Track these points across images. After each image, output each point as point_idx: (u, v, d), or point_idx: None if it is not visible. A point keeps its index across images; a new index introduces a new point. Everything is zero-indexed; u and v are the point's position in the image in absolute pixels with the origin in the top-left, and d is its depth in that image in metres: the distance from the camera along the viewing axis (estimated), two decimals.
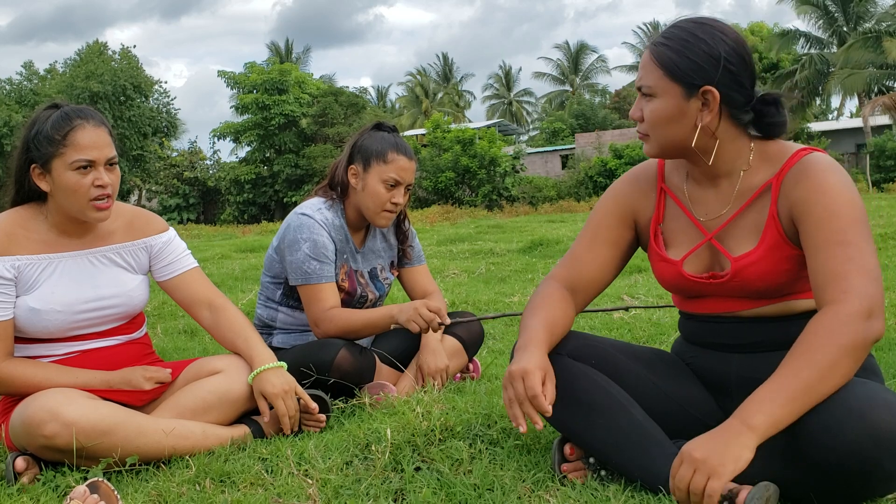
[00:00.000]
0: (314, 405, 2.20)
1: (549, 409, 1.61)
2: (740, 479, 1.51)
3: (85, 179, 2.06)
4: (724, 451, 1.42)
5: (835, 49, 29.98)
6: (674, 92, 1.66)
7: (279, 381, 2.17)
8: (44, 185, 2.10)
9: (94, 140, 2.07)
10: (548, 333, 1.75)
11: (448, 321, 2.47)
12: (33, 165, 2.09)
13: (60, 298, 2.12)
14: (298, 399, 2.19)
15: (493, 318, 2.90)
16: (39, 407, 1.89)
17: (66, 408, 1.89)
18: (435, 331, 2.48)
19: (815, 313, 1.54)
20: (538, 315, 1.79)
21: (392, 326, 2.52)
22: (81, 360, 2.17)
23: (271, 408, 2.16)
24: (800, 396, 1.43)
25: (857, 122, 32.93)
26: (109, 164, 2.11)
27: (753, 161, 1.73)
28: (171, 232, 2.38)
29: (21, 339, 2.14)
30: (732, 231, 1.74)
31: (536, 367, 1.64)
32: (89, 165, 2.06)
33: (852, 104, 38.10)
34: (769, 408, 1.43)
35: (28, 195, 2.16)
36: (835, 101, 42.68)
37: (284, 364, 2.25)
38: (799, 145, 1.72)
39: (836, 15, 30.48)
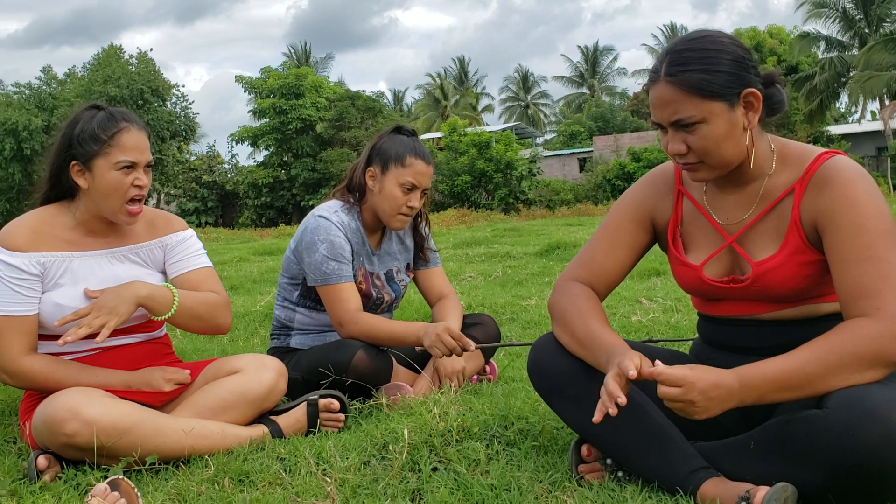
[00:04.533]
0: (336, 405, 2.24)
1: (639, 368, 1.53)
2: (758, 480, 1.51)
3: (126, 179, 2.14)
4: (714, 406, 1.49)
5: (856, 52, 29.71)
6: (719, 109, 1.61)
7: None
8: (82, 182, 2.16)
9: (137, 143, 2.16)
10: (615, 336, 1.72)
11: (471, 347, 2.46)
12: (73, 162, 2.15)
13: (83, 294, 2.15)
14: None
15: (505, 346, 2.92)
16: (60, 406, 1.92)
17: (87, 406, 1.91)
18: (459, 355, 2.49)
19: (840, 319, 1.53)
20: (595, 320, 1.75)
21: (418, 349, 2.53)
22: (102, 357, 2.20)
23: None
24: (795, 386, 1.48)
25: (877, 125, 32.60)
26: (147, 166, 2.19)
27: (775, 164, 1.72)
28: (190, 232, 2.41)
29: (44, 336, 2.17)
30: (753, 235, 1.73)
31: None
32: (132, 166, 2.14)
33: (873, 107, 37.72)
34: (763, 384, 1.49)
35: (60, 193, 2.21)
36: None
37: None
38: (820, 149, 1.70)
39: (856, 18, 30.21)
